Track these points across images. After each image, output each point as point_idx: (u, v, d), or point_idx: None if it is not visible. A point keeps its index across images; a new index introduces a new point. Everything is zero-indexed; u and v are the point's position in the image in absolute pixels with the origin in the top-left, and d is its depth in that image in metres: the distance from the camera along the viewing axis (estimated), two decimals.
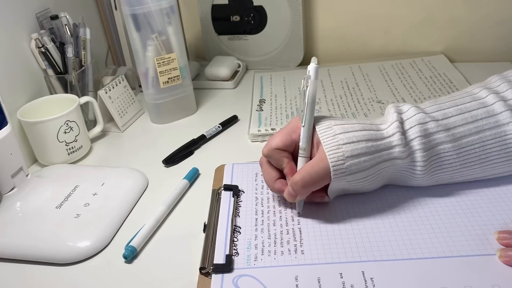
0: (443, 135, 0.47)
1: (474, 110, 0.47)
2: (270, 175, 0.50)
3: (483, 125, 0.47)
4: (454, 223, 0.46)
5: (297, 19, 0.86)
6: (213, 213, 0.51)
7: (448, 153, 0.47)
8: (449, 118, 0.47)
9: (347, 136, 0.46)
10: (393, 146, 0.46)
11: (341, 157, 0.45)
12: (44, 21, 0.72)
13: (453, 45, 0.87)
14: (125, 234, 0.51)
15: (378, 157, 0.46)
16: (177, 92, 0.74)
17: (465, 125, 0.47)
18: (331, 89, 0.79)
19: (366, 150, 0.45)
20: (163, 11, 0.68)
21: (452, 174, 0.49)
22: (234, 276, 0.42)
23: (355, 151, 0.45)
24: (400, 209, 0.48)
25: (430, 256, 0.42)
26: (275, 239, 0.46)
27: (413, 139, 0.47)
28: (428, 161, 0.47)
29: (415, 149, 0.47)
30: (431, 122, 0.47)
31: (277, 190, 0.50)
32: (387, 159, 0.46)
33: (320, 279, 0.41)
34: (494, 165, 0.48)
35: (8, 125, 0.53)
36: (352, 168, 0.45)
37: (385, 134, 0.47)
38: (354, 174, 0.45)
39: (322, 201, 0.50)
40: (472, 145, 0.47)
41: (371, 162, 0.46)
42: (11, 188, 0.53)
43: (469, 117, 0.47)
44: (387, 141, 0.46)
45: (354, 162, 0.45)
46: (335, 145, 0.45)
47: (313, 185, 0.46)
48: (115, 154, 0.69)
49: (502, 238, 0.42)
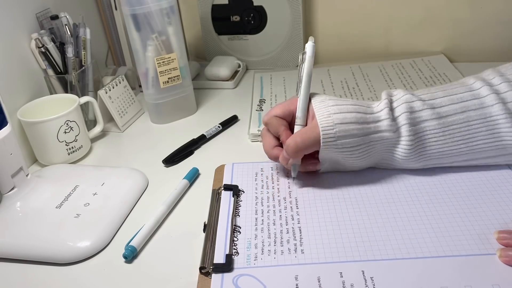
0: (428, 112, 0.50)
1: (461, 93, 0.50)
2: (268, 142, 0.54)
3: (469, 105, 0.49)
4: (454, 222, 0.46)
5: (297, 19, 0.86)
6: (213, 213, 0.51)
7: (434, 131, 0.50)
8: (436, 99, 0.51)
9: (339, 108, 0.50)
10: (381, 120, 0.50)
11: (331, 123, 0.49)
12: (44, 21, 0.72)
13: (453, 45, 0.87)
14: (125, 234, 0.51)
15: (366, 128, 0.49)
16: (177, 92, 0.74)
17: (450, 105, 0.50)
18: (331, 89, 0.79)
19: (355, 120, 0.49)
20: (163, 11, 0.68)
21: (439, 154, 0.50)
22: (234, 276, 0.42)
23: (344, 119, 0.49)
24: (400, 209, 0.48)
25: (430, 255, 0.42)
26: (275, 238, 0.46)
27: (400, 114, 0.50)
28: (414, 136, 0.49)
29: (402, 124, 0.50)
30: (417, 101, 0.51)
31: (274, 156, 0.54)
32: (375, 131, 0.50)
33: (320, 278, 0.41)
34: (480, 148, 0.50)
35: (8, 125, 0.53)
36: (340, 134, 0.49)
37: (374, 110, 0.51)
38: (342, 140, 0.49)
39: (315, 169, 0.54)
40: (457, 124, 0.49)
41: (359, 132, 0.49)
42: (11, 188, 0.53)
43: (455, 98, 0.50)
44: (376, 115, 0.50)
45: (343, 129, 0.49)
46: (327, 114, 0.49)
47: (304, 149, 0.50)
48: (115, 154, 0.69)
49: (502, 238, 0.43)
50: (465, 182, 0.51)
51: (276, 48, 0.91)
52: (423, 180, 0.52)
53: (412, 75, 0.81)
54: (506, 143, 0.49)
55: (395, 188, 0.51)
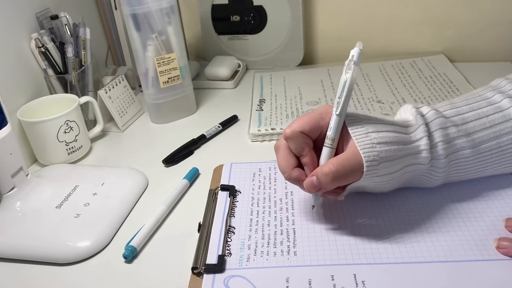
0: (463, 140, 0.46)
1: (491, 114, 0.47)
2: (288, 161, 0.46)
3: (501, 129, 0.47)
4: (450, 227, 0.45)
5: (297, 19, 0.86)
6: (208, 213, 0.51)
7: (467, 158, 0.47)
8: (468, 123, 0.47)
9: (380, 136, 0.44)
10: (421, 151, 0.45)
11: (376, 156, 0.43)
12: (44, 21, 0.72)
13: (453, 45, 0.87)
14: (125, 234, 0.51)
15: (406, 160, 0.45)
16: (177, 92, 0.74)
17: (483, 130, 0.47)
18: (331, 89, 0.79)
19: (397, 153, 0.44)
20: (163, 11, 0.68)
21: (465, 176, 0.49)
22: (226, 277, 0.42)
23: (388, 152, 0.43)
24: (395, 212, 0.48)
25: (424, 260, 0.42)
26: (269, 239, 0.46)
27: (436, 143, 0.46)
28: (447, 166, 0.47)
29: (438, 154, 0.46)
30: (451, 127, 0.47)
31: (294, 179, 0.45)
32: (413, 164, 0.45)
33: (311, 281, 0.41)
34: (504, 167, 0.49)
35: (8, 125, 0.53)
36: (383, 170, 0.43)
37: (413, 138, 0.46)
38: (383, 176, 0.44)
39: (335, 198, 0.47)
40: (490, 150, 0.47)
41: (400, 165, 0.44)
42: (11, 188, 0.54)
43: (487, 122, 0.47)
44: (416, 145, 0.45)
45: (387, 164, 0.43)
46: (369, 144, 0.43)
47: (343, 179, 0.43)
48: (115, 154, 0.69)
49: (502, 246, 0.42)
50: (463, 187, 0.50)
51: (276, 48, 0.91)
52: None
53: (412, 75, 0.81)
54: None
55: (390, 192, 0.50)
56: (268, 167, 0.58)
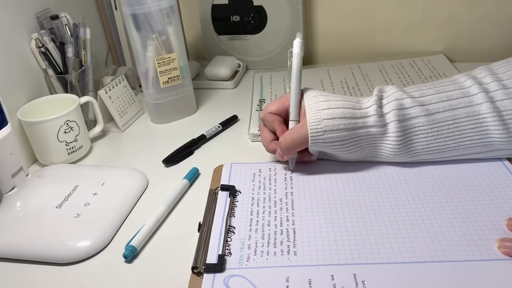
0: (418, 109, 0.51)
1: (451, 91, 0.51)
2: (265, 137, 0.57)
3: (458, 103, 0.50)
4: (450, 227, 0.45)
5: (297, 19, 0.86)
6: (208, 213, 0.51)
7: (422, 127, 0.51)
8: (425, 96, 0.52)
9: (328, 104, 0.51)
10: (369, 116, 0.51)
11: (318, 119, 0.50)
12: (44, 21, 0.72)
13: (453, 45, 0.87)
14: (125, 233, 0.51)
15: (353, 123, 0.51)
16: (177, 92, 0.74)
17: (439, 103, 0.51)
18: (331, 89, 0.79)
19: (342, 115, 0.51)
20: (163, 11, 0.68)
21: (427, 150, 0.52)
22: (226, 276, 0.42)
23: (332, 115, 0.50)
24: (396, 212, 0.48)
25: (424, 260, 0.42)
26: (269, 239, 0.46)
27: (389, 111, 0.51)
28: (403, 133, 0.51)
29: (391, 120, 0.51)
30: (408, 98, 0.52)
31: (272, 150, 0.56)
32: (362, 126, 0.51)
33: (311, 280, 0.41)
34: (468, 144, 0.51)
35: (8, 125, 0.53)
36: (327, 129, 0.50)
37: (363, 106, 0.52)
38: (328, 135, 0.51)
39: (309, 160, 0.57)
40: (446, 121, 0.50)
41: (346, 126, 0.50)
42: (11, 188, 0.54)
43: (444, 96, 0.51)
44: (364, 111, 0.52)
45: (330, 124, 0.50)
46: (316, 110, 0.51)
47: (296, 146, 0.52)
48: (115, 154, 0.69)
49: (503, 246, 0.42)
50: (464, 187, 0.50)
51: (276, 48, 0.91)
52: (420, 183, 0.52)
53: (412, 75, 0.81)
54: (493, 139, 0.50)
55: (392, 191, 0.51)
56: (268, 168, 0.58)
